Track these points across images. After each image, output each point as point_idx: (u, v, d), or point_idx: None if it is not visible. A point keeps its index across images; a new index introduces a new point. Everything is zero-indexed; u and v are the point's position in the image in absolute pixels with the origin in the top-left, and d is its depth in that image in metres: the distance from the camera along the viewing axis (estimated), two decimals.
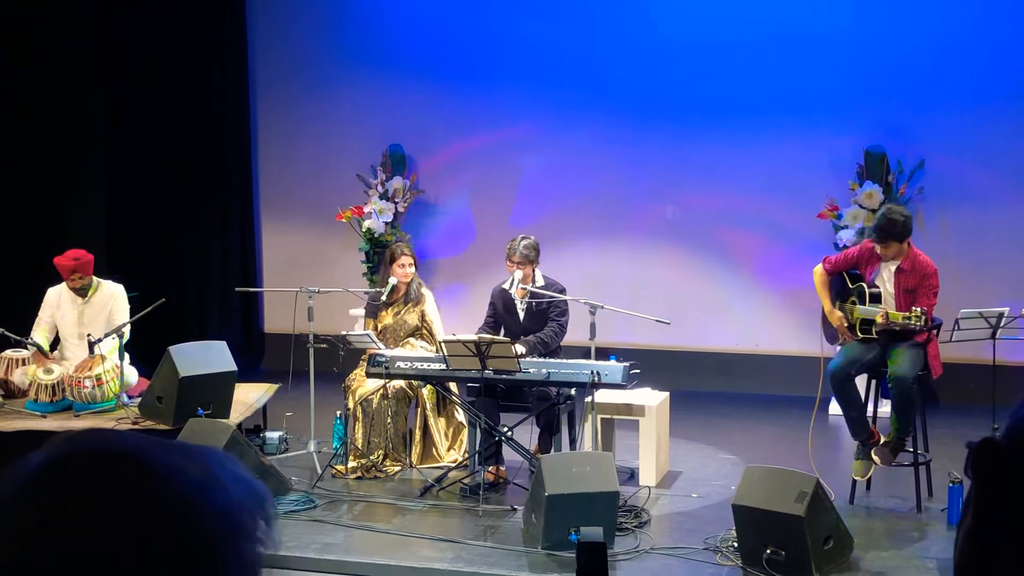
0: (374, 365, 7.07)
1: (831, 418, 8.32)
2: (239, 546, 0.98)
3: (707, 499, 6.86)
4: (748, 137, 9.83)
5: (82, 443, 0.99)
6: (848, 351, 6.69)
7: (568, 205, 10.24)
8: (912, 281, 6.57)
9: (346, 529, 6.29)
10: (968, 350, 7.42)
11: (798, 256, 9.70)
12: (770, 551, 5.46)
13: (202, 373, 7.31)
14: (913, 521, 6.47)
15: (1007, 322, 6.81)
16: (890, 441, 6.58)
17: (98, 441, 0.99)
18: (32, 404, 7.52)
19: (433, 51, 10.54)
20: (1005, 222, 9.37)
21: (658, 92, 9.99)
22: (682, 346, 9.89)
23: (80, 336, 7.78)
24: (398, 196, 10.21)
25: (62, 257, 7.79)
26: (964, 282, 9.19)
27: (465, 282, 10.31)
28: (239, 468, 1.04)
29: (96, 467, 0.96)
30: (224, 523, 0.97)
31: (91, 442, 0.99)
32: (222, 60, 10.98)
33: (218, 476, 0.99)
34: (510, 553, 5.86)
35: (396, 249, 7.80)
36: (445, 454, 7.54)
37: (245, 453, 6.62)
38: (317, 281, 8.40)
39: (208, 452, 1.02)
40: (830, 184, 9.43)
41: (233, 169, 11.06)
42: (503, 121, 10.40)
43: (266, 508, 1.03)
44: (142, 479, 0.96)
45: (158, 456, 0.98)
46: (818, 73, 9.63)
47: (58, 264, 7.79)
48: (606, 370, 6.61)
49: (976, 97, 9.33)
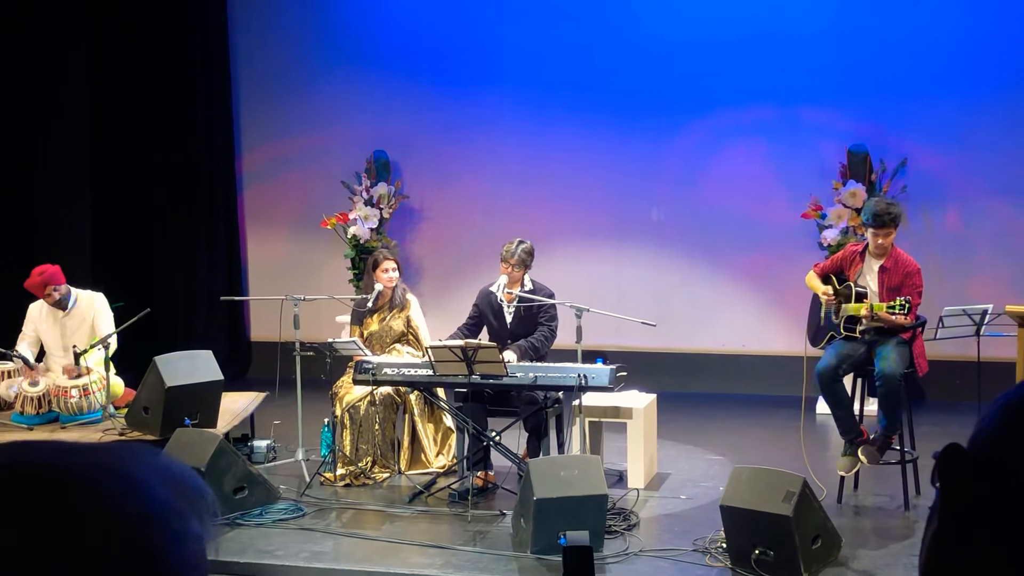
0: (361, 372, 7.06)
1: (819, 417, 8.35)
2: (168, 551, 0.89)
3: (695, 500, 6.87)
4: (732, 137, 9.86)
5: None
6: (835, 350, 6.71)
7: (553, 207, 10.25)
8: (896, 279, 6.60)
9: (335, 537, 6.28)
10: (953, 347, 7.45)
11: (783, 256, 9.74)
12: (759, 551, 5.47)
13: (188, 383, 7.30)
14: (901, 519, 6.49)
15: (991, 319, 6.84)
16: (876, 439, 6.60)
17: (5, 454, 0.91)
18: (18, 416, 7.50)
19: (416, 56, 10.55)
20: (988, 220, 9.41)
21: (642, 93, 10.01)
22: (669, 348, 9.91)
23: (65, 348, 7.76)
24: (383, 202, 10.21)
25: (30, 278, 7.77)
26: (948, 280, 9.22)
27: (451, 287, 10.31)
28: (171, 464, 0.95)
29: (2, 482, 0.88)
30: (148, 527, 0.88)
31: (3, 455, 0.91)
32: (206, 66, 10.97)
33: (136, 477, 0.90)
34: (499, 558, 5.86)
35: (379, 255, 7.79)
36: (433, 460, 7.54)
37: (233, 462, 6.61)
38: (303, 288, 8.39)
39: (130, 451, 0.94)
40: (814, 183, 9.46)
41: (218, 177, 11.05)
42: (487, 125, 10.41)
43: (200, 503, 0.94)
44: (51, 490, 0.87)
45: (70, 463, 0.90)
46: (801, 73, 9.66)
47: (29, 286, 7.78)
48: (593, 373, 6.61)
49: (959, 96, 9.37)
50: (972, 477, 0.93)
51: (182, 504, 0.92)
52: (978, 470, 0.93)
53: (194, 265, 11.09)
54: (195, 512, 0.92)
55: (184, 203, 10.99)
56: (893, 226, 6.58)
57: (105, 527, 0.87)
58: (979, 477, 0.93)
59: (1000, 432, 0.95)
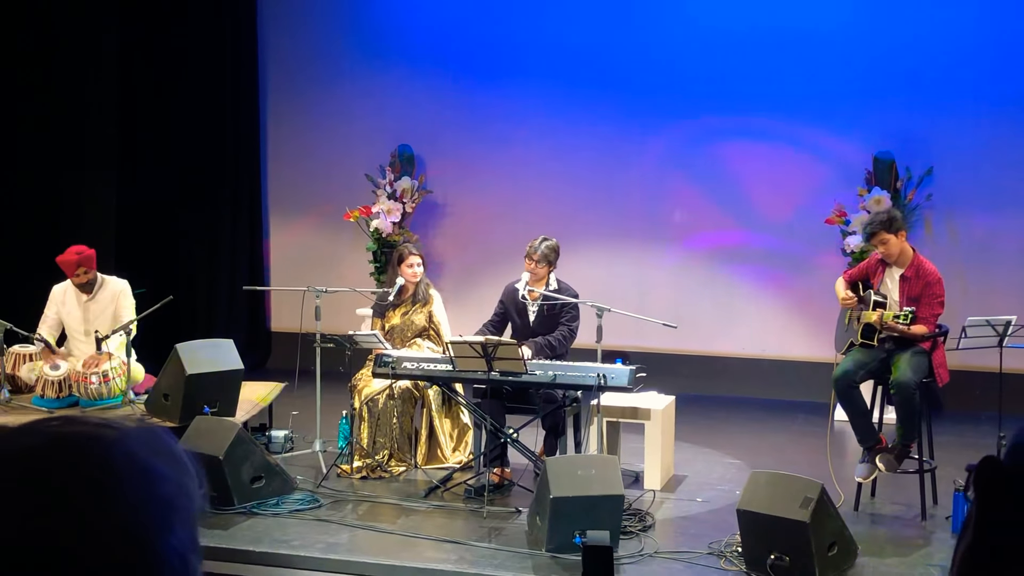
0: (380, 365, 7.08)
1: (836, 424, 8.32)
2: (173, 533, 0.92)
3: (712, 504, 6.86)
4: (757, 141, 9.83)
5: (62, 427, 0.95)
6: (853, 357, 6.70)
7: (577, 206, 10.24)
8: (916, 288, 6.57)
9: (351, 529, 6.29)
10: (975, 358, 7.41)
11: (806, 261, 9.71)
12: (774, 556, 5.46)
13: (209, 371, 7.32)
14: (918, 528, 6.46)
15: (1014, 330, 6.80)
16: (895, 447, 6.58)
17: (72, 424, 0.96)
18: (39, 400, 7.54)
19: (443, 51, 10.55)
20: (1014, 231, 9.35)
21: (669, 95, 9.99)
22: (689, 350, 9.88)
23: (86, 333, 7.81)
24: (406, 196, 10.22)
25: (65, 254, 7.82)
26: (972, 290, 9.18)
27: (473, 283, 10.31)
28: (173, 445, 0.98)
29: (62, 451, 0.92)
30: (163, 510, 0.92)
31: (69, 424, 0.96)
32: (233, 58, 11.00)
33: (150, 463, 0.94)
34: (514, 555, 5.87)
35: (404, 250, 7.80)
36: (450, 455, 7.55)
37: (251, 451, 6.64)
38: (324, 280, 8.41)
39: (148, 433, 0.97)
40: (839, 189, 9.42)
41: (242, 167, 11.09)
42: (513, 121, 10.40)
43: (198, 488, 0.97)
44: (103, 466, 0.91)
45: (130, 443, 0.94)
46: (828, 78, 9.62)
47: (61, 262, 7.81)
48: (612, 373, 6.61)
49: (987, 105, 9.32)
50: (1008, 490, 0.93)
51: (190, 488, 0.95)
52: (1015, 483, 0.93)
53: (217, 255, 11.14)
54: (198, 495, 0.96)
55: (209, 193, 11.03)
56: (884, 231, 6.55)
57: (135, 504, 0.91)
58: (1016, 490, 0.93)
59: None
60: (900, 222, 6.68)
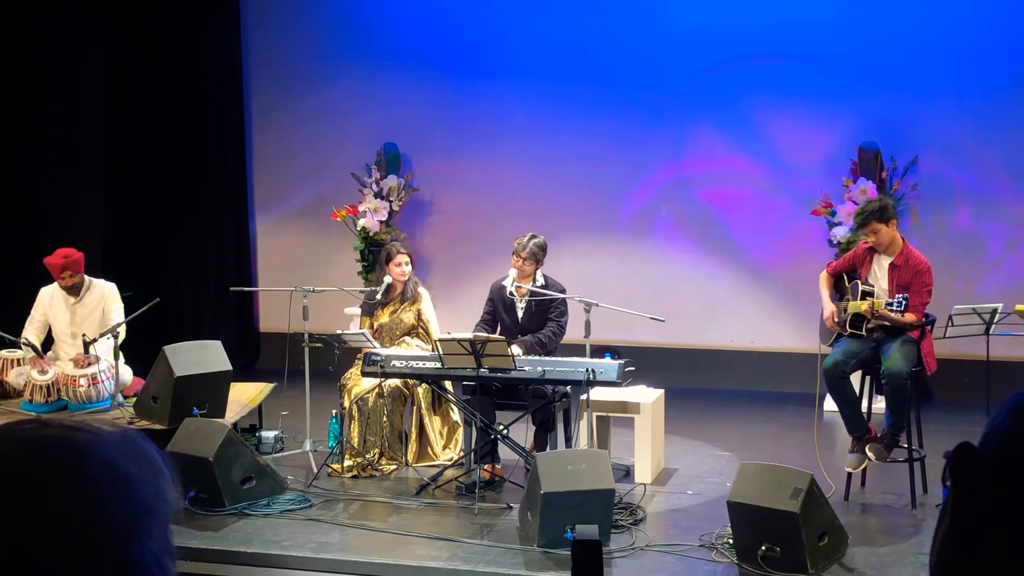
0: (369, 364, 7.07)
1: (826, 414, 8.34)
2: (151, 536, 0.92)
3: (702, 496, 6.87)
4: (742, 133, 9.84)
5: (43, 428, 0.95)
6: (842, 347, 6.71)
7: (563, 202, 10.25)
8: (905, 277, 6.58)
9: (342, 528, 6.29)
10: (962, 346, 7.44)
11: (793, 252, 9.73)
12: (765, 547, 5.47)
13: (197, 373, 7.31)
14: (908, 517, 6.48)
15: (1001, 318, 6.83)
16: (884, 437, 6.60)
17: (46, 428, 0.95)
18: (27, 404, 7.52)
19: (427, 49, 10.54)
20: (999, 219, 9.38)
21: (653, 90, 10.00)
22: (677, 343, 9.90)
23: (74, 335, 7.79)
24: (393, 195, 10.22)
25: (52, 256, 7.80)
26: (959, 279, 9.21)
27: (460, 281, 10.31)
28: (148, 448, 0.98)
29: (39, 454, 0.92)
30: (139, 514, 0.92)
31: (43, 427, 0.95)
32: (218, 57, 10.98)
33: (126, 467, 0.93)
34: (506, 551, 5.87)
35: (392, 248, 7.79)
36: (441, 453, 7.54)
37: (241, 453, 6.63)
38: (312, 280, 8.40)
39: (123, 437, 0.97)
40: (824, 180, 9.44)
41: (228, 168, 11.07)
42: (498, 119, 10.40)
43: (173, 490, 0.97)
44: (81, 468, 0.91)
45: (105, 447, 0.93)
46: (812, 69, 9.64)
47: (48, 264, 7.79)
48: (601, 368, 6.62)
49: (971, 94, 9.34)
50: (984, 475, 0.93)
51: (164, 492, 0.95)
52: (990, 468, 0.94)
53: (204, 256, 11.12)
54: (171, 499, 0.96)
55: (195, 194, 11.01)
56: (875, 220, 6.56)
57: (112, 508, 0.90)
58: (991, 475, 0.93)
59: (1013, 430, 0.96)
60: (892, 211, 6.69)
